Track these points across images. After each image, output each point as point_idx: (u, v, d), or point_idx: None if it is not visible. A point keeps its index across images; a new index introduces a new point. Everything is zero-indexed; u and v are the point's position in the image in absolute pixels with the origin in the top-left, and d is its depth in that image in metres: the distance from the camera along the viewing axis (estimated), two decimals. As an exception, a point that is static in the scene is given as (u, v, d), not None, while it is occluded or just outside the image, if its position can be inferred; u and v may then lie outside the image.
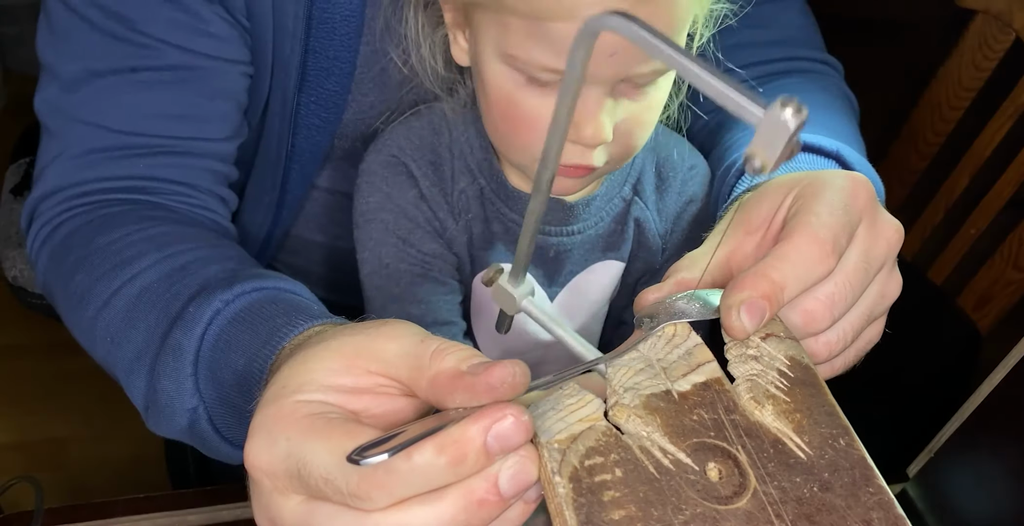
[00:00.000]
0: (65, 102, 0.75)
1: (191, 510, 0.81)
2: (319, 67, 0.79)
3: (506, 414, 0.40)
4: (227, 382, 0.60)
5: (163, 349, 0.64)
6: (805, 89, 0.86)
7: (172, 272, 0.68)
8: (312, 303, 0.64)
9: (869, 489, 0.43)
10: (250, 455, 0.43)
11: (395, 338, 0.45)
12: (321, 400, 0.44)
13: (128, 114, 0.75)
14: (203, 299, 0.63)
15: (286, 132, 0.83)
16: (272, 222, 0.92)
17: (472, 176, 0.80)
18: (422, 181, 0.80)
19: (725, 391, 0.47)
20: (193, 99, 0.76)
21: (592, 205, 0.81)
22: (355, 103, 0.83)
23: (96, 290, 0.69)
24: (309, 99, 0.81)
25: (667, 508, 0.41)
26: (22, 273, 1.32)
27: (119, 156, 0.75)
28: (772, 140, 0.35)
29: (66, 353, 1.62)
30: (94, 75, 0.74)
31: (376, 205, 0.80)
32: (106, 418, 1.73)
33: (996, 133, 1.30)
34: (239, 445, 0.65)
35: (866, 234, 0.55)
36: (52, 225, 0.76)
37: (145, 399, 0.66)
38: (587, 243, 0.83)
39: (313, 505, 0.42)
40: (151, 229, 0.72)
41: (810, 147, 0.71)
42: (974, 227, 1.35)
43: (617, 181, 0.81)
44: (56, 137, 0.77)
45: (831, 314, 0.53)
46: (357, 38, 0.78)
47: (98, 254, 0.71)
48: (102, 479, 1.72)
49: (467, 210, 0.81)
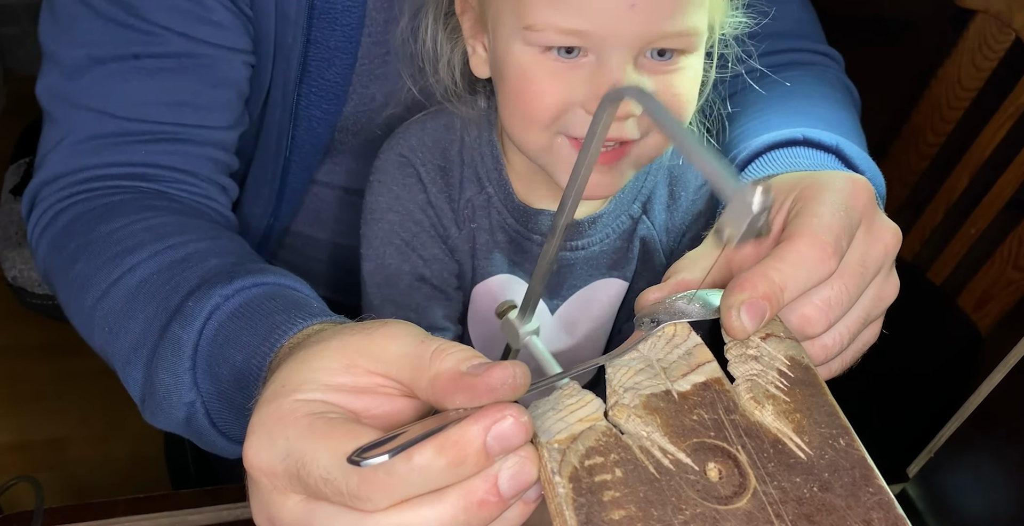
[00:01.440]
0: (67, 88, 0.76)
1: (191, 510, 0.80)
2: (320, 58, 0.79)
3: (506, 415, 0.40)
4: (225, 377, 0.60)
5: (161, 342, 0.63)
6: (806, 81, 0.86)
7: (172, 264, 0.67)
8: (312, 300, 0.64)
9: (869, 489, 0.43)
10: (249, 454, 0.43)
11: (395, 338, 0.45)
12: (321, 399, 0.44)
13: (130, 100, 0.75)
14: (202, 293, 0.63)
15: (287, 123, 0.83)
16: (272, 215, 0.92)
17: (480, 185, 0.80)
18: (430, 187, 0.80)
19: (725, 391, 0.47)
20: (195, 87, 0.76)
21: (599, 222, 0.80)
22: (356, 95, 0.83)
23: (96, 279, 0.69)
24: (310, 90, 0.81)
25: (667, 508, 0.41)
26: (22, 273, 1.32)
27: (121, 142, 0.75)
28: (739, 217, 0.40)
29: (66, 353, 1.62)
30: (96, 62, 0.74)
31: (385, 205, 0.80)
32: (106, 418, 1.73)
33: (996, 133, 1.30)
34: (236, 440, 0.65)
35: (864, 238, 0.55)
36: (53, 211, 0.76)
37: (142, 391, 0.66)
38: (591, 259, 0.83)
39: (312, 505, 0.42)
40: (152, 219, 0.72)
41: (810, 141, 0.71)
42: (974, 227, 1.34)
43: (627, 198, 0.81)
44: (58, 124, 0.77)
45: (828, 319, 0.53)
46: (359, 29, 0.78)
47: (99, 242, 0.71)
48: (102, 479, 1.71)
49: (472, 219, 0.81)
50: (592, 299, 0.86)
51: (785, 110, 0.79)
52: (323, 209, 0.98)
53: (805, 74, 0.88)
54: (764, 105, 0.80)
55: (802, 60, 0.90)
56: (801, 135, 0.71)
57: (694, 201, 0.82)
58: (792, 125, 0.75)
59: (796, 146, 0.70)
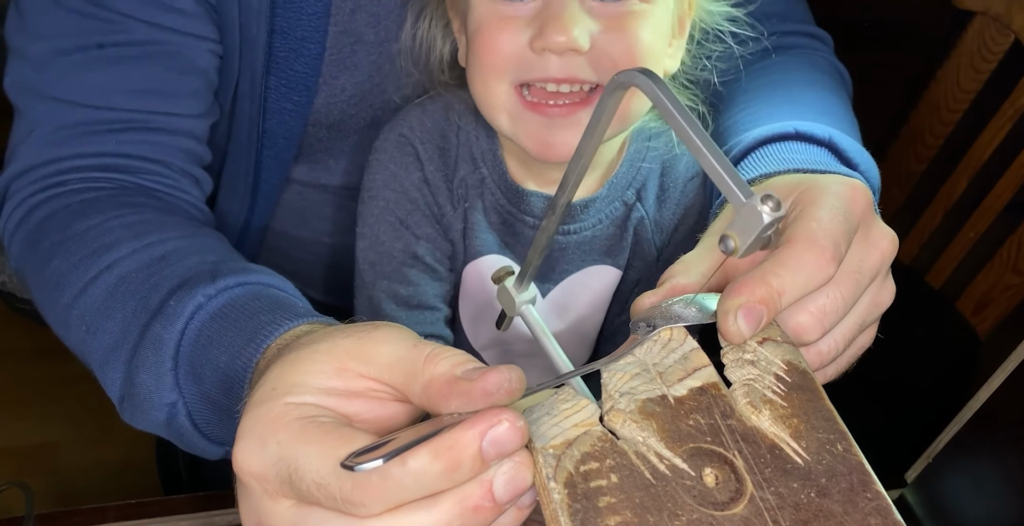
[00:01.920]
0: (35, 81, 0.75)
1: (182, 516, 0.80)
2: (287, 48, 0.79)
3: (502, 419, 0.39)
4: (208, 378, 0.60)
5: (142, 342, 0.63)
6: (794, 68, 0.85)
7: (151, 262, 0.67)
8: (297, 300, 0.63)
9: (867, 495, 0.42)
10: (239, 458, 0.43)
11: (387, 342, 0.45)
12: (313, 403, 0.43)
13: (97, 89, 0.75)
14: (184, 293, 0.62)
15: (257, 115, 0.83)
16: (248, 211, 0.92)
17: (475, 164, 0.81)
18: (427, 165, 0.81)
19: (722, 396, 0.46)
20: (162, 74, 0.76)
21: (592, 206, 0.81)
22: (326, 86, 0.84)
23: (72, 277, 0.69)
24: (279, 82, 0.81)
25: (663, 514, 0.40)
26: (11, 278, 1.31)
27: (90, 132, 0.75)
28: (747, 228, 0.39)
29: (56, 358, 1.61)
30: (61, 53, 0.74)
31: (381, 183, 0.81)
32: (97, 423, 1.73)
33: (995, 135, 1.30)
34: (217, 441, 0.64)
35: (861, 244, 0.55)
36: (26, 207, 0.75)
37: (121, 391, 0.65)
38: (584, 244, 0.83)
39: (304, 510, 0.42)
40: (130, 216, 0.71)
41: (801, 135, 0.71)
42: (973, 230, 1.34)
43: (621, 184, 0.81)
44: (27, 116, 0.76)
45: (823, 326, 0.53)
46: (325, 19, 0.79)
47: (75, 240, 0.70)
48: (93, 484, 1.71)
49: (465, 198, 0.82)
50: (584, 285, 0.86)
51: (774, 100, 0.79)
52: (306, 208, 0.98)
53: (793, 59, 0.87)
54: (753, 95, 0.80)
55: (789, 43, 0.89)
56: (793, 129, 0.70)
57: (684, 194, 0.83)
58: (783, 116, 0.74)
59: (788, 141, 0.70)
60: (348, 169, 0.94)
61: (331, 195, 0.96)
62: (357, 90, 0.84)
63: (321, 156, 0.92)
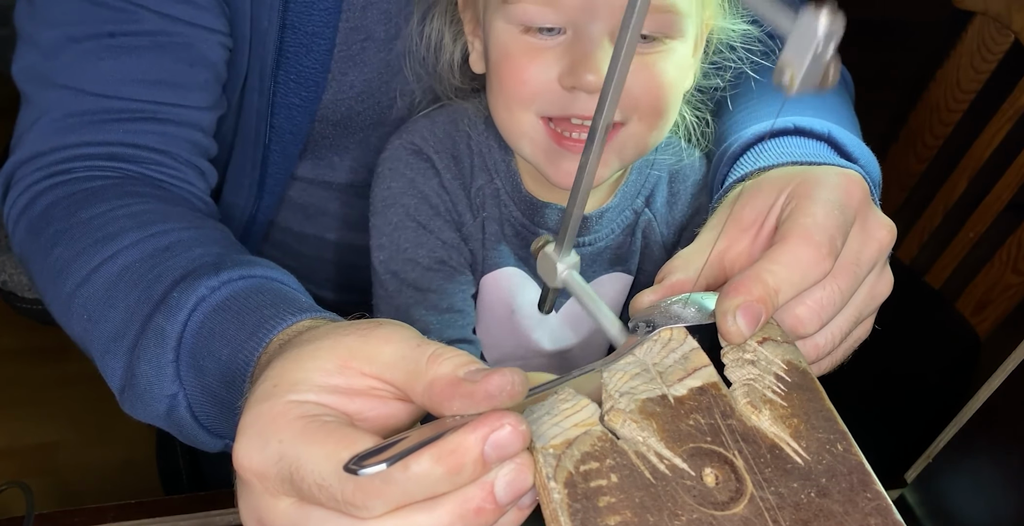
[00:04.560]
0: (44, 68, 0.75)
1: (182, 516, 0.80)
2: (298, 43, 0.79)
3: (504, 423, 0.39)
4: (209, 371, 0.59)
5: (144, 332, 0.62)
6: None
7: (155, 252, 0.67)
8: (300, 294, 0.63)
9: (867, 495, 0.42)
10: (240, 455, 0.43)
11: (390, 341, 0.44)
12: (315, 401, 0.43)
13: (106, 78, 0.75)
14: (188, 284, 0.62)
15: (265, 109, 0.83)
16: (254, 206, 0.92)
17: (490, 176, 0.80)
18: (444, 173, 0.80)
19: (722, 396, 0.46)
20: (171, 65, 0.76)
21: (605, 216, 0.80)
22: (335, 83, 0.83)
23: (75, 265, 0.68)
24: (288, 77, 0.81)
25: (663, 514, 0.40)
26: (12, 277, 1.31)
27: (98, 120, 0.75)
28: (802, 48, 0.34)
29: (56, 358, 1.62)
30: (72, 40, 0.74)
31: (399, 190, 0.80)
32: (97, 423, 1.72)
33: (995, 136, 1.30)
34: (217, 434, 0.64)
35: (858, 236, 0.55)
36: (31, 193, 0.75)
37: (122, 381, 0.65)
38: (596, 256, 0.83)
39: (305, 509, 0.42)
40: (135, 206, 0.71)
41: (801, 130, 0.71)
42: (973, 230, 1.34)
43: (631, 193, 0.81)
44: (34, 103, 0.76)
45: (820, 319, 0.53)
46: (336, 14, 0.78)
47: (79, 228, 0.70)
48: (93, 484, 1.71)
49: (483, 208, 0.81)
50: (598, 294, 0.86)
51: (773, 99, 0.79)
52: (310, 205, 0.97)
53: None
54: (752, 95, 0.80)
55: None
56: (792, 124, 0.70)
57: (693, 195, 0.82)
58: (782, 114, 0.74)
59: (787, 136, 0.70)
60: (353, 167, 0.94)
61: (336, 192, 0.96)
62: (366, 87, 0.84)
63: (326, 153, 0.91)
